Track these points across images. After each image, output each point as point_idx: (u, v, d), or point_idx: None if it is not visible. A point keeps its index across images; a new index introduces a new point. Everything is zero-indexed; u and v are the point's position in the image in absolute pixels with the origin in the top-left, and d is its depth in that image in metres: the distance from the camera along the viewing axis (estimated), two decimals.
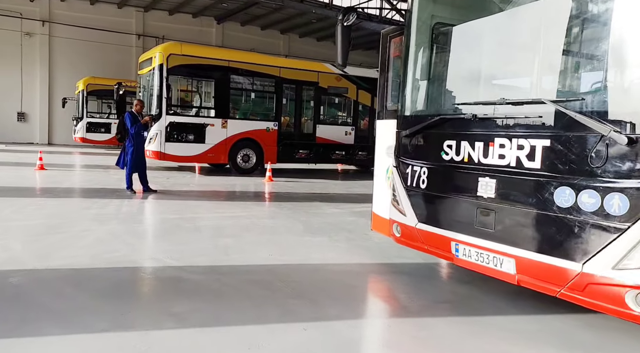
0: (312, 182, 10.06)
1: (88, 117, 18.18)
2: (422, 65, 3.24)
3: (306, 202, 7.22)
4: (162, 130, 9.91)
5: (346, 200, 7.69)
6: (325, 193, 8.34)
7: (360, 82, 12.34)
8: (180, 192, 7.72)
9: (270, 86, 11.42)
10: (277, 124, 11.30)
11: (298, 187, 9.11)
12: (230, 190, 8.57)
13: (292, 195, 7.86)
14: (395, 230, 3.39)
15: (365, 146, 12.58)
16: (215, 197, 7.59)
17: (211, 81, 10.80)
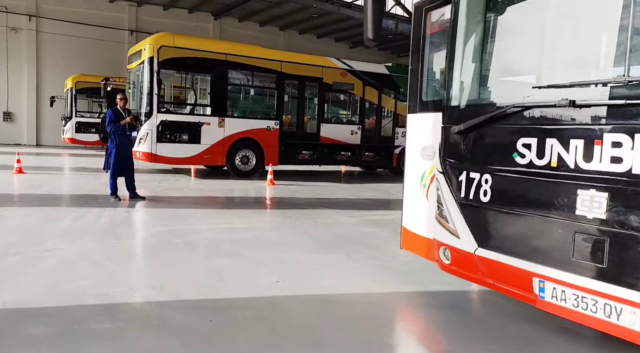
0: (317, 186, 9.27)
1: (77, 116, 17.34)
2: (481, 38, 2.47)
3: (313, 209, 6.44)
4: (153, 129, 9.11)
5: (358, 207, 6.91)
6: (334, 199, 7.54)
7: (366, 77, 11.57)
8: (172, 198, 6.92)
9: (271, 82, 10.62)
10: (278, 122, 10.50)
11: (302, 191, 8.32)
12: (228, 195, 7.77)
13: (297, 201, 7.07)
14: (442, 255, 2.62)
15: (372, 146, 11.81)
16: (211, 204, 6.80)
17: (207, 76, 10.00)
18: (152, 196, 6.88)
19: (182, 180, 9.31)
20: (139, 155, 9.27)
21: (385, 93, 11.96)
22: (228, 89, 10.06)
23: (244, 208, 6.56)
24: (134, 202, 6.36)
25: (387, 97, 12.01)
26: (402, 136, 12.17)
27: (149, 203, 6.33)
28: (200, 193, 7.66)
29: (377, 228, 5.26)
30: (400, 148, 12.11)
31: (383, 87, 11.87)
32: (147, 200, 6.53)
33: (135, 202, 6.34)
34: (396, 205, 7.67)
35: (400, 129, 12.15)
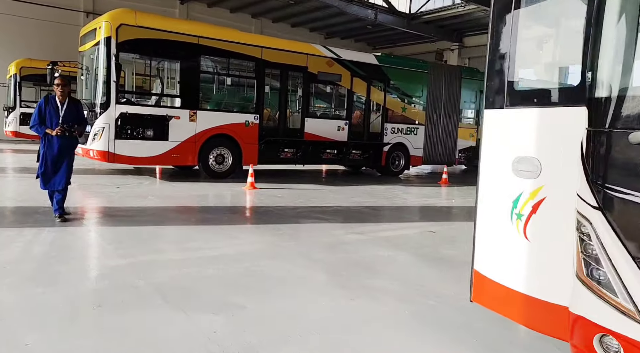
0: (304, 189, 8.13)
1: (22, 106, 15.24)
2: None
3: (308, 221, 5.31)
4: (111, 123, 7.63)
5: (359, 218, 5.84)
6: (328, 207, 6.44)
7: (354, 68, 10.48)
8: (133, 210, 5.55)
9: (250, 71, 9.32)
10: (258, 116, 9.24)
11: (289, 197, 7.15)
12: (203, 204, 6.47)
13: (287, 212, 5.91)
14: (597, 344, 1.59)
15: (360, 144, 10.77)
16: (184, 218, 5.51)
17: (175, 62, 8.57)
18: (108, 208, 5.52)
19: (146, 183, 7.91)
20: (93, 154, 7.78)
21: (374, 85, 10.93)
22: (200, 78, 8.68)
23: (225, 223, 5.31)
24: (83, 218, 5.00)
25: (376, 90, 10.99)
26: (392, 132, 11.24)
27: (104, 220, 4.99)
28: (168, 201, 6.34)
29: (395, 251, 4.21)
30: (389, 145, 11.17)
31: (372, 78, 10.83)
32: (102, 216, 5.18)
33: (85, 220, 4.98)
34: (401, 215, 6.59)
35: (389, 124, 11.20)
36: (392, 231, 5.14)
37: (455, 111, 12.38)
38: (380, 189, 9.02)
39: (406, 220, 5.73)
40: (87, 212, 5.40)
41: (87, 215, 5.16)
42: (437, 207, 7.35)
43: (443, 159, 12.35)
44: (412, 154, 11.63)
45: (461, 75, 12.44)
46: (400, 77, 11.31)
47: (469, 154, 12.83)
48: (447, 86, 12.11)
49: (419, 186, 9.82)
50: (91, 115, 7.91)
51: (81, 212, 5.25)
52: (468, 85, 12.53)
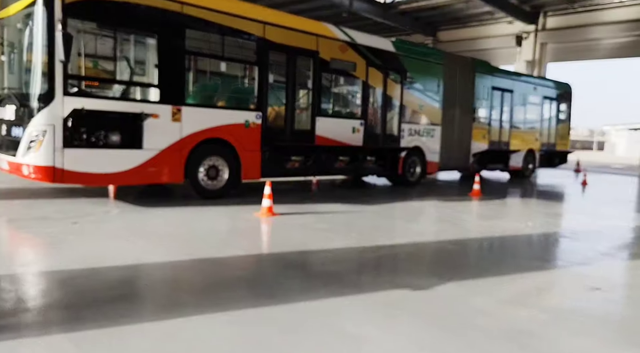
0: (336, 213, 6.09)
1: None
2: None
3: (414, 287, 3.29)
4: (57, 124, 5.10)
5: (463, 267, 3.95)
6: (402, 249, 4.44)
7: (370, 55, 8.61)
8: (115, 286, 3.21)
9: (251, 53, 7.09)
10: (260, 115, 7.06)
11: (331, 229, 5.09)
12: (202, 256, 3.88)
13: (358, 264, 3.88)
14: None
15: (377, 149, 8.95)
16: (174, 299, 3.20)
17: (151, 38, 6.14)
18: (73, 288, 3.16)
19: (115, 212, 5.45)
20: (29, 171, 5.20)
21: (390, 78, 9.14)
22: (187, 61, 6.32)
23: (249, 305, 3.08)
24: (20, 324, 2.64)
25: (392, 83, 9.20)
26: (409, 135, 9.54)
27: (72, 327, 2.67)
28: (167, 252, 3.99)
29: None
30: (406, 151, 9.46)
31: (388, 69, 9.03)
32: (68, 308, 2.84)
33: (24, 330, 2.62)
34: (503, 254, 4.37)
35: (406, 125, 9.48)
36: (548, 293, 3.34)
37: (470, 109, 10.99)
38: (417, 206, 7.25)
39: (528, 266, 4.00)
40: (30, 300, 2.97)
41: (32, 313, 2.76)
42: (525, 235, 5.65)
43: (458, 164, 10.91)
44: (428, 159, 10.01)
45: (474, 68, 11.06)
46: (417, 68, 9.63)
47: (481, 158, 11.52)
48: (461, 80, 10.65)
49: (451, 200, 8.17)
50: (22, 112, 5.32)
51: (19, 299, 2.84)
52: (480, 80, 11.19)
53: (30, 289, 2.93)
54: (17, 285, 2.95)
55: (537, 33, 20.55)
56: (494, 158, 11.92)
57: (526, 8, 19.89)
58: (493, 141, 11.76)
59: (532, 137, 13.17)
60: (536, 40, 20.64)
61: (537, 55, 20.78)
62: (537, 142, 13.30)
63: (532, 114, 13.10)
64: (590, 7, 18.47)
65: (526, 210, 7.96)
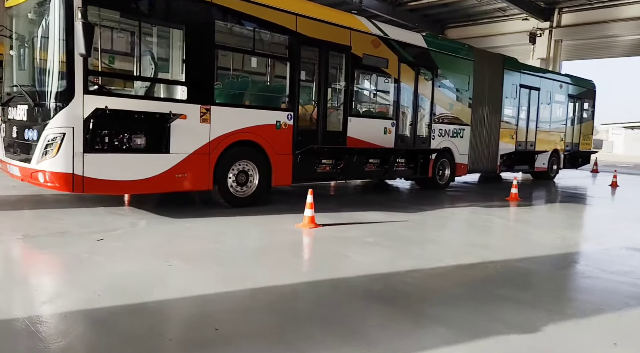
0: (382, 223, 5.52)
1: None
2: None
3: None
4: (77, 126, 4.50)
5: (584, 303, 3.44)
6: (478, 271, 3.91)
7: (402, 51, 8.04)
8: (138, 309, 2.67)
9: (282, 47, 6.51)
10: (292, 115, 6.48)
11: (385, 245, 4.52)
12: (259, 283, 3.30)
13: (454, 301, 3.34)
14: None
15: (409, 152, 8.39)
16: (256, 349, 2.67)
17: (179, 28, 5.54)
18: (82, 303, 2.58)
19: (141, 224, 4.86)
20: (44, 179, 4.60)
21: (421, 75, 8.58)
22: (216, 56, 5.72)
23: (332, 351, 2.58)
24: None
25: (423, 81, 8.64)
26: (439, 135, 8.99)
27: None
28: (187, 276, 3.42)
29: None
30: (436, 152, 8.92)
31: (420, 65, 8.47)
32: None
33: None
34: (606, 289, 3.29)
35: (437, 125, 8.93)
36: None
37: (498, 108, 10.45)
38: (459, 214, 6.70)
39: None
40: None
41: None
42: (603, 249, 5.13)
43: (487, 166, 10.37)
44: (457, 161, 9.48)
45: (503, 65, 10.51)
46: (448, 65, 9.06)
47: (508, 160, 10.99)
48: (490, 78, 10.10)
49: (491, 206, 7.62)
50: (36, 113, 4.72)
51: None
52: (509, 77, 10.65)
53: (61, 338, 2.35)
54: (43, 331, 2.36)
55: (551, 30, 20.03)
56: (520, 159, 11.41)
57: (541, 4, 19.37)
58: (520, 142, 11.24)
59: (558, 137, 12.66)
60: (551, 37, 20.13)
61: (551, 52, 20.27)
62: (561, 142, 12.80)
63: (557, 113, 12.59)
64: (608, 3, 17.95)
65: (584, 218, 7.44)
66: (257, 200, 6.15)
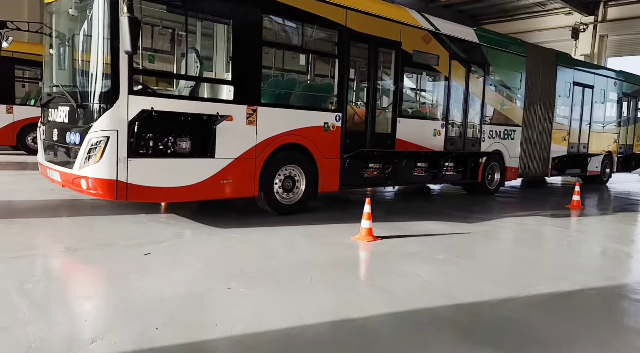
0: (438, 236, 5.04)
1: None
2: None
3: None
4: (121, 129, 4.18)
5: None
6: (589, 303, 3.35)
7: (453, 47, 7.48)
8: None
9: (331, 44, 6.09)
10: (340, 116, 6.04)
11: (457, 263, 4.02)
12: (336, 314, 2.90)
13: None
14: None
15: (459, 156, 7.82)
16: None
17: (225, 24, 5.18)
18: (144, 340, 2.20)
19: (187, 235, 4.52)
20: (87, 186, 4.29)
21: (472, 72, 8.00)
22: (263, 54, 5.32)
23: None
24: None
25: (474, 78, 8.05)
26: (489, 137, 8.38)
27: None
28: (253, 304, 3.01)
29: None
30: (486, 156, 8.31)
31: (471, 62, 7.88)
32: None
33: None
34: None
35: (487, 126, 8.32)
36: None
37: (551, 108, 9.72)
38: (524, 225, 6.09)
39: None
40: None
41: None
42: None
43: (538, 170, 9.66)
44: (507, 164, 8.83)
45: (557, 61, 9.78)
46: (499, 61, 8.44)
47: (559, 163, 10.25)
48: (543, 75, 9.40)
49: (554, 216, 6.94)
50: (78, 115, 4.42)
51: None
52: (562, 74, 9.90)
53: None
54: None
55: (596, 24, 18.92)
56: (572, 162, 10.64)
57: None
58: (572, 143, 10.47)
59: (611, 138, 11.79)
60: (595, 33, 19.02)
61: (595, 48, 19.15)
62: (615, 144, 11.92)
63: (611, 113, 11.72)
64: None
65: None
66: (303, 208, 5.73)
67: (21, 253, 3.56)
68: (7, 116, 11.19)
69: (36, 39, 10.93)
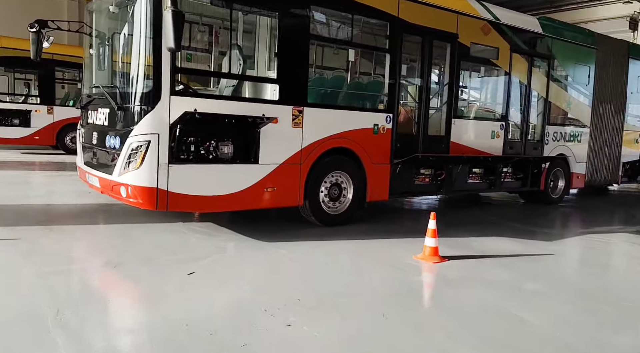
0: (513, 258, 4.54)
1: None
2: None
3: None
4: (162, 132, 3.97)
5: None
6: None
7: (515, 38, 6.92)
8: None
9: (381, 37, 5.71)
10: (391, 117, 5.65)
11: (556, 297, 3.52)
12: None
13: None
14: None
15: (521, 162, 7.23)
16: None
17: (271, 16, 4.91)
18: None
19: (230, 249, 4.27)
20: (127, 193, 4.11)
21: (536, 66, 7.39)
22: (310, 48, 5.01)
23: None
24: None
25: (538, 74, 7.44)
26: (553, 140, 7.73)
27: None
28: (324, 341, 2.67)
29: None
30: (549, 161, 7.66)
31: (534, 55, 7.29)
32: None
33: None
34: None
35: (551, 127, 7.68)
36: None
37: (622, 106, 8.92)
38: (613, 245, 5.46)
39: None
40: None
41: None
42: None
43: (607, 176, 8.88)
44: (573, 170, 8.14)
45: (629, 54, 8.96)
46: (566, 53, 7.78)
47: (630, 169, 9.40)
48: (614, 70, 8.63)
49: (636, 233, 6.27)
50: (118, 117, 4.25)
51: None
52: (634, 69, 9.06)
53: None
54: None
55: None
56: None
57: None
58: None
59: None
60: None
61: None
62: None
63: None
64: None
65: None
66: (350, 218, 5.38)
67: (58, 267, 3.41)
68: (47, 117, 11.55)
69: (75, 41, 11.08)
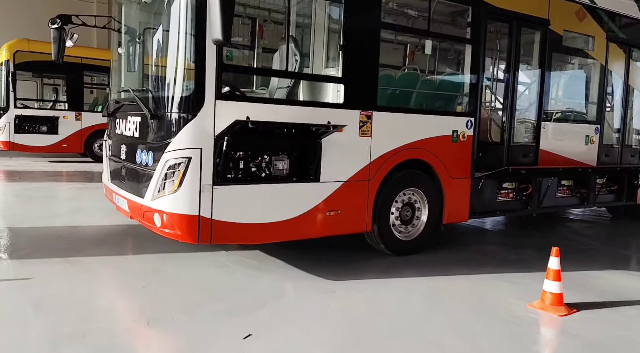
0: None
1: (17, 106, 11.19)
2: None
3: None
4: (205, 147, 3.26)
5: None
6: None
7: (612, 25, 5.97)
8: None
9: (462, 26, 4.89)
10: (473, 122, 4.81)
11: None
12: None
13: None
14: None
15: (616, 172, 6.25)
16: None
17: (337, 3, 4.19)
18: None
19: (263, 287, 3.55)
20: (163, 222, 3.43)
21: (635, 59, 6.40)
22: (380, 38, 4.24)
23: None
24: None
25: (636, 68, 6.45)
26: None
27: None
28: None
29: None
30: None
31: (633, 45, 6.30)
32: None
33: None
34: None
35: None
36: None
37: None
38: None
39: None
40: None
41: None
42: None
43: None
44: None
45: None
46: None
47: None
48: None
49: None
50: (152, 127, 3.60)
51: None
52: None
53: None
54: None
55: None
56: None
57: None
58: None
59: None
60: None
61: None
62: None
63: None
64: None
65: None
66: (424, 246, 4.57)
67: (76, 325, 2.72)
68: (75, 123, 11.33)
69: (105, 43, 10.62)
